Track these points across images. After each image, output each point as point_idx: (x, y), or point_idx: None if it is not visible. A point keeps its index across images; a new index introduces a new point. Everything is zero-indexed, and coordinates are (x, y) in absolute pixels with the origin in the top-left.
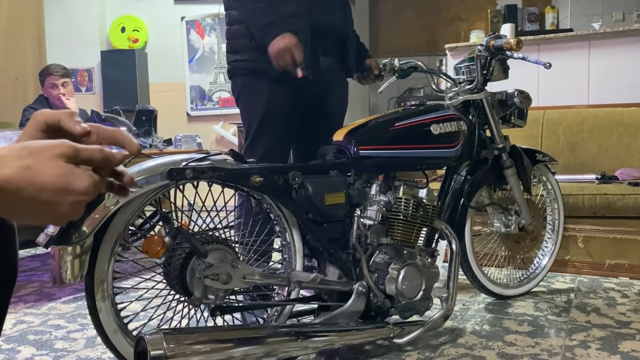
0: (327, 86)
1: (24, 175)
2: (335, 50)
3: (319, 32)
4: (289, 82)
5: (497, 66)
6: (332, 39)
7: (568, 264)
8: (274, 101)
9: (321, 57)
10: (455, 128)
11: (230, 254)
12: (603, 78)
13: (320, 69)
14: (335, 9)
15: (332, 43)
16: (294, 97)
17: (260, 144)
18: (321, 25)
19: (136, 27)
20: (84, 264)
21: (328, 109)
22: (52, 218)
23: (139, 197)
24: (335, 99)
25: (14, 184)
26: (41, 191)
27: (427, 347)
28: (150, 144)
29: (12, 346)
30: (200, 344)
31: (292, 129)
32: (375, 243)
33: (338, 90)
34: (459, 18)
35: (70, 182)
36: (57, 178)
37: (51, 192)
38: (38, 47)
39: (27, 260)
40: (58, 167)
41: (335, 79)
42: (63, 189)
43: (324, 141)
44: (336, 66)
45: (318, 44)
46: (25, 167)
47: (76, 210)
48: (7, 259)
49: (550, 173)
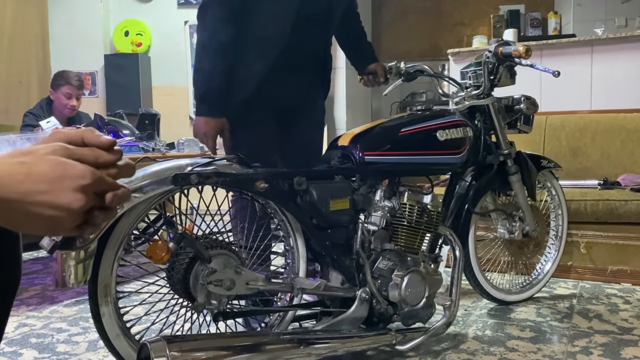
0: (298, 106)
1: (21, 168)
2: (313, 71)
3: (295, 53)
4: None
5: (505, 72)
6: (309, 60)
7: (570, 269)
8: (248, 117)
9: (297, 77)
10: (461, 134)
11: (234, 259)
12: (606, 83)
13: (295, 89)
14: (316, 31)
15: (309, 64)
16: (266, 114)
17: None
18: (297, 46)
19: (139, 31)
20: (87, 269)
21: (299, 129)
22: (57, 212)
23: (143, 202)
24: (308, 119)
25: (12, 177)
26: (39, 182)
27: (429, 353)
28: (153, 148)
29: (15, 349)
30: (202, 351)
31: (269, 143)
32: (378, 249)
33: (312, 111)
34: (462, 23)
35: (66, 169)
36: (52, 167)
37: (48, 180)
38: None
39: (29, 263)
40: (52, 160)
41: (309, 101)
42: (59, 176)
43: (292, 158)
44: (312, 88)
45: (294, 64)
46: (20, 162)
47: (79, 199)
48: (11, 262)
49: (555, 179)
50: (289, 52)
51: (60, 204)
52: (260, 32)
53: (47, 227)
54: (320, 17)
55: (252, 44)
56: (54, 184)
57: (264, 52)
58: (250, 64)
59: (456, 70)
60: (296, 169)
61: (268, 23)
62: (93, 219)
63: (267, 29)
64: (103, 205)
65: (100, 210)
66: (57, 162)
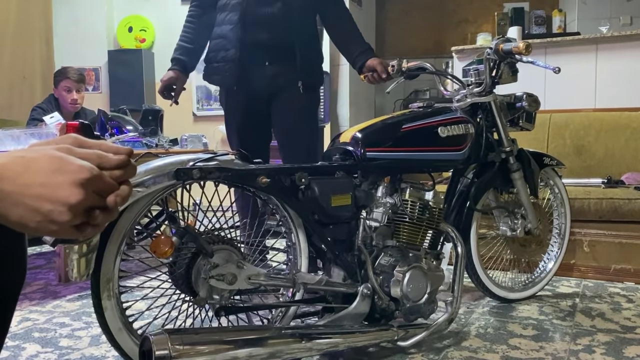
0: (271, 92)
1: (21, 161)
2: (283, 59)
3: (257, 47)
4: (237, 91)
5: (506, 69)
6: (274, 51)
7: (573, 268)
8: (229, 107)
9: (267, 67)
10: (462, 131)
11: (236, 254)
12: (610, 82)
13: (263, 77)
14: (276, 25)
15: (275, 54)
16: (245, 103)
17: (231, 143)
18: (258, 42)
19: (143, 27)
20: (90, 263)
21: (274, 115)
22: (54, 206)
23: (145, 197)
24: (282, 105)
25: (12, 170)
26: (37, 175)
27: (431, 350)
28: (156, 144)
29: (18, 343)
30: (204, 344)
31: (253, 131)
32: (380, 245)
33: (284, 96)
34: (466, 20)
35: (64, 163)
36: (50, 160)
37: (46, 173)
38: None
39: (32, 258)
40: (51, 154)
41: (279, 86)
42: (57, 170)
43: (263, 145)
44: (281, 73)
45: (259, 56)
46: (21, 156)
47: (76, 194)
48: (16, 256)
49: (558, 177)
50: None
51: (58, 198)
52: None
53: (45, 223)
54: (279, 18)
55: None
56: (52, 178)
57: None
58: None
59: (460, 67)
60: (298, 164)
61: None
62: (93, 219)
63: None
64: (103, 205)
65: (101, 210)
66: (56, 156)
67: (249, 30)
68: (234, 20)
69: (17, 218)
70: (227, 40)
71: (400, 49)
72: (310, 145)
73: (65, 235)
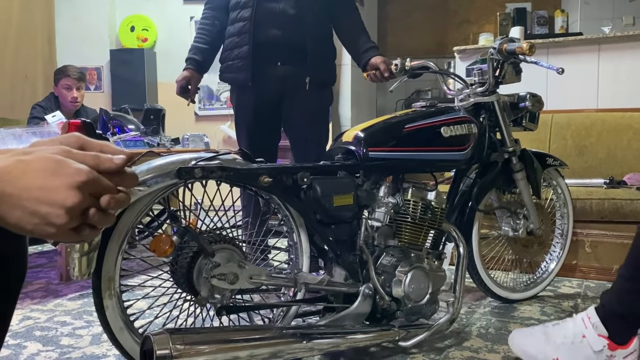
0: (282, 92)
1: (19, 164)
2: (294, 58)
3: (270, 45)
4: (249, 90)
5: (510, 69)
6: (286, 50)
7: (575, 268)
8: (239, 106)
9: (279, 67)
10: (465, 131)
11: (238, 253)
12: (612, 82)
13: (275, 78)
14: (288, 22)
15: (287, 53)
16: (256, 102)
17: (240, 142)
18: (270, 40)
19: (145, 27)
20: (91, 262)
21: (284, 114)
22: (51, 208)
23: (147, 196)
24: (293, 104)
25: (11, 173)
26: (35, 177)
27: (433, 350)
28: (158, 143)
29: (19, 342)
30: (205, 344)
31: (263, 131)
32: (382, 245)
33: (296, 95)
34: (468, 20)
35: (61, 166)
36: (48, 163)
37: (44, 176)
38: (48, 46)
39: (34, 257)
40: (49, 157)
41: (290, 86)
42: (54, 172)
43: (272, 145)
44: (293, 74)
45: (271, 55)
46: (19, 160)
47: (73, 196)
48: (17, 255)
49: (561, 177)
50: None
51: (55, 200)
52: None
53: (43, 226)
54: (291, 14)
55: (227, 38)
56: (49, 180)
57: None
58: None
59: (462, 67)
60: (300, 164)
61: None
62: (89, 219)
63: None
64: (100, 207)
65: (97, 210)
66: (54, 159)
67: (261, 27)
68: (245, 17)
69: (15, 220)
70: (240, 37)
71: (402, 49)
72: (321, 145)
73: (63, 239)
